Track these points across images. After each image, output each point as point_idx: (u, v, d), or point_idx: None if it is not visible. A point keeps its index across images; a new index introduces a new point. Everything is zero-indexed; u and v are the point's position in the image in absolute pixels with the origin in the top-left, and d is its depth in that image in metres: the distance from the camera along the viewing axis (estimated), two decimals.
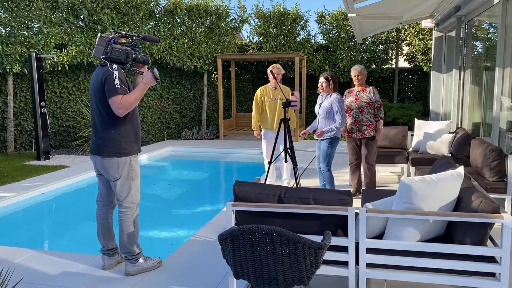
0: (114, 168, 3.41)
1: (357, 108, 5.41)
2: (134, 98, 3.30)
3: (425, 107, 12.86)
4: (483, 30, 7.35)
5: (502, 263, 2.67)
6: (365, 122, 5.41)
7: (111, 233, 3.67)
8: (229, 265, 2.47)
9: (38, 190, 6.47)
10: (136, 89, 3.34)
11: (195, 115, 12.60)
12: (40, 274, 3.61)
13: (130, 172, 3.47)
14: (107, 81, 3.26)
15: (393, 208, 2.94)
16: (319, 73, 12.90)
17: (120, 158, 3.41)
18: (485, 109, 6.77)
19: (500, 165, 4.64)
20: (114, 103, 3.25)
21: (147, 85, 3.35)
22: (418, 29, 12.45)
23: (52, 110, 10.36)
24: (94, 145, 3.47)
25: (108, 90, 3.26)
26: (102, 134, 3.39)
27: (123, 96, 3.27)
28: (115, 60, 3.31)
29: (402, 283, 3.30)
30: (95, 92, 3.35)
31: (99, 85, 3.31)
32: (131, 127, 3.46)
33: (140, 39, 3.47)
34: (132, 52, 3.39)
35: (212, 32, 11.94)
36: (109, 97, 3.26)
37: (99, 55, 3.29)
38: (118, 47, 3.31)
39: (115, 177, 3.44)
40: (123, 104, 3.25)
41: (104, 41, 3.27)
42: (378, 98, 5.46)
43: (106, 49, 3.27)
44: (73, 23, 9.87)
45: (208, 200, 6.34)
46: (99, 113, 3.38)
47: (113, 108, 3.28)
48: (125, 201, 3.50)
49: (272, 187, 3.06)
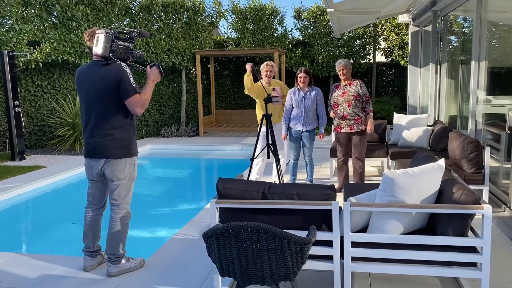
0: (120, 170, 3.35)
1: (344, 102, 5.36)
2: (149, 96, 3.31)
3: (403, 101, 13.05)
4: (458, 24, 7.48)
5: (483, 253, 2.71)
6: (353, 116, 5.34)
7: (99, 234, 3.60)
8: (214, 263, 2.44)
9: (14, 192, 6.29)
10: (147, 86, 3.32)
11: (174, 112, 12.47)
12: (19, 277, 3.50)
13: (133, 173, 3.47)
14: (123, 81, 3.19)
15: (377, 201, 2.96)
16: (297, 69, 12.93)
17: (127, 159, 3.37)
18: (462, 102, 6.90)
19: (477, 156, 4.74)
20: (134, 103, 3.22)
21: (155, 81, 3.36)
22: (395, 24, 12.60)
23: (26, 109, 10.09)
24: (96, 148, 3.31)
25: (125, 91, 3.20)
26: (111, 135, 3.28)
27: (140, 95, 3.26)
28: (120, 57, 3.25)
29: (386, 276, 3.33)
30: (106, 92, 3.22)
31: (112, 84, 3.20)
32: (135, 126, 3.46)
33: (138, 34, 3.38)
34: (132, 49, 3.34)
35: (190, 28, 11.82)
36: (127, 97, 3.21)
37: (107, 53, 3.18)
38: (122, 44, 3.25)
39: (120, 178, 3.36)
40: (142, 102, 3.25)
41: (110, 38, 3.18)
42: (366, 91, 5.41)
43: (112, 47, 3.19)
44: (46, 20, 9.62)
45: (190, 198, 6.29)
46: (108, 113, 3.26)
47: (132, 107, 3.24)
48: (122, 202, 3.43)
49: (255, 183, 3.05)
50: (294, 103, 5.58)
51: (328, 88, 13.00)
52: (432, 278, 3.28)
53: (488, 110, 5.65)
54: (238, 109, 13.29)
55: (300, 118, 5.57)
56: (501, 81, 5.35)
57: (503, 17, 5.36)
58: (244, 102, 13.60)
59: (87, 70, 3.34)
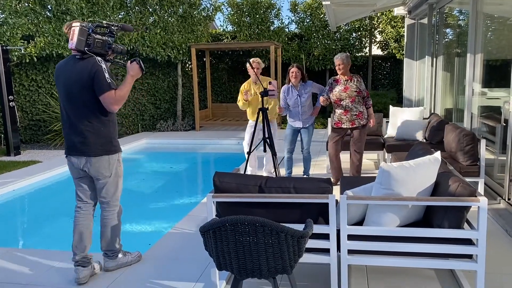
0: (105, 167, 3.25)
1: (347, 97, 5.31)
2: (126, 92, 3.15)
3: (399, 94, 13.06)
4: (454, 17, 7.47)
5: (479, 245, 2.73)
6: (355, 111, 5.33)
7: (91, 236, 3.41)
8: (211, 256, 2.45)
9: (9, 187, 6.26)
10: (125, 82, 3.17)
11: (170, 106, 12.43)
12: (14, 272, 3.50)
13: (118, 169, 3.36)
14: (97, 77, 3.05)
15: (373, 194, 2.97)
16: (294, 62, 12.91)
17: (110, 155, 3.26)
18: (457, 95, 6.91)
19: (473, 149, 4.75)
20: (108, 99, 3.07)
21: (135, 77, 3.21)
22: (391, 16, 12.58)
23: (21, 104, 10.03)
24: (76, 145, 3.20)
25: (99, 86, 3.06)
26: (89, 132, 3.16)
27: (116, 91, 3.10)
28: (97, 52, 3.11)
29: (382, 268, 3.35)
30: (82, 87, 3.09)
31: (86, 80, 3.07)
32: (116, 122, 3.34)
33: (119, 28, 3.26)
34: (112, 43, 3.21)
35: (185, 21, 11.75)
36: (101, 93, 3.07)
37: (82, 47, 3.04)
38: (99, 38, 3.11)
39: (105, 176, 3.27)
40: (117, 99, 3.09)
41: (85, 32, 3.04)
42: (365, 87, 5.41)
43: (88, 41, 3.05)
44: (40, 14, 9.54)
45: (187, 192, 6.28)
46: (86, 110, 3.13)
47: (106, 104, 3.10)
48: (112, 200, 3.38)
49: (252, 177, 3.04)
50: (290, 102, 5.56)
51: (324, 82, 12.99)
52: (428, 270, 3.30)
53: (483, 102, 5.66)
54: (234, 103, 13.26)
55: (298, 115, 5.57)
56: (496, 74, 5.35)
57: (499, 9, 5.35)
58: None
59: (64, 65, 3.22)
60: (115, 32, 3.26)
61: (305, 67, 12.70)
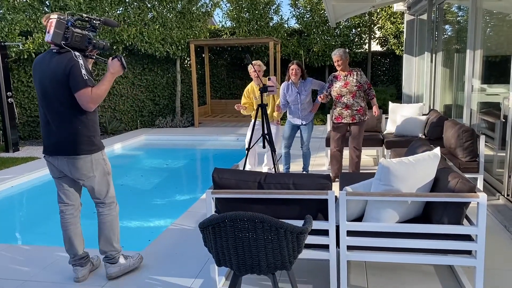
0: (87, 168, 3.08)
1: (348, 93, 5.31)
2: (104, 90, 2.97)
3: (398, 90, 13.05)
4: (453, 13, 7.45)
5: (478, 241, 2.73)
6: (356, 107, 5.32)
7: (82, 237, 3.33)
8: (210, 253, 2.44)
9: (7, 183, 6.26)
10: (104, 80, 3.00)
11: (169, 102, 12.40)
12: (12, 269, 3.49)
13: (105, 168, 3.20)
14: (73, 72, 2.88)
15: (372, 190, 2.96)
16: (293, 58, 12.88)
17: (93, 155, 3.09)
18: (457, 91, 6.90)
19: (472, 145, 4.75)
20: (84, 97, 2.90)
21: (115, 75, 3.06)
22: (390, 12, 12.55)
23: (19, 100, 10.00)
24: (53, 145, 3.05)
25: (75, 83, 2.88)
26: (66, 131, 3.00)
27: (93, 89, 2.93)
28: (75, 46, 2.95)
29: (381, 264, 3.35)
30: (57, 83, 2.93)
31: (61, 75, 2.90)
32: (97, 120, 3.16)
33: (101, 23, 3.09)
34: (93, 38, 3.04)
35: (184, 17, 11.71)
36: (76, 90, 2.89)
37: (58, 41, 2.88)
38: (79, 32, 2.95)
39: (89, 176, 3.11)
40: (93, 97, 2.92)
41: (63, 24, 2.87)
42: (366, 78, 5.41)
43: (66, 34, 2.89)
44: (38, 9, 9.49)
45: (186, 188, 6.28)
46: (62, 108, 2.97)
47: (82, 102, 2.92)
48: (106, 198, 3.24)
49: (251, 173, 3.04)
50: (289, 100, 5.55)
51: (324, 78, 12.97)
52: (427, 266, 3.30)
53: (483, 98, 5.65)
54: (233, 99, 13.25)
55: (298, 112, 5.56)
56: (496, 70, 5.35)
57: (498, 5, 5.34)
58: (239, 92, 13.54)
59: (41, 60, 3.05)
60: (97, 26, 3.08)
61: (304, 63, 12.67)
